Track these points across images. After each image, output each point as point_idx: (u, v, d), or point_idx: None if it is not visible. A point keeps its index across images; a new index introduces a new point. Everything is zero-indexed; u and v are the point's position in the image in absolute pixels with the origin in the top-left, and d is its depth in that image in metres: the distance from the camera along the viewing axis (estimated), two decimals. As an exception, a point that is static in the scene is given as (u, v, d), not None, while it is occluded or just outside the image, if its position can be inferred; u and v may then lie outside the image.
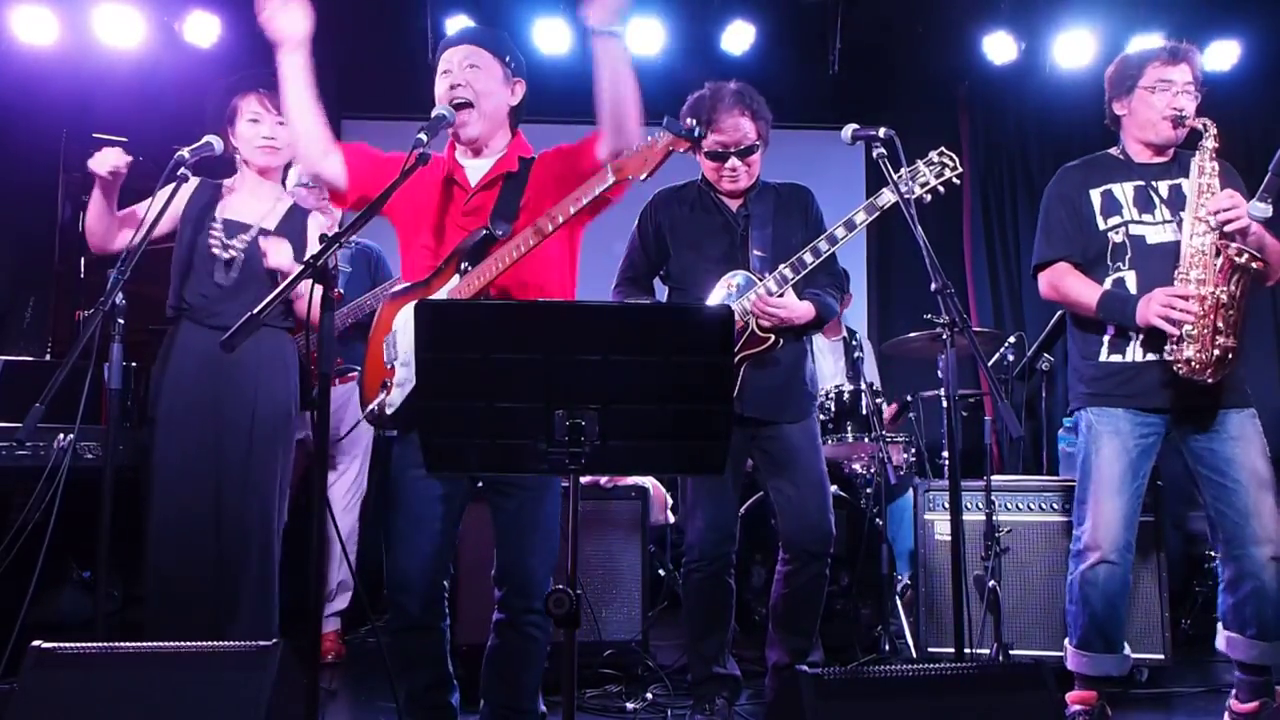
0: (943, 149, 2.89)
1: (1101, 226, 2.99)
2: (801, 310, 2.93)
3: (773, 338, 2.93)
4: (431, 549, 2.43)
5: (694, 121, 2.45)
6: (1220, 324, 2.76)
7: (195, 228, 3.00)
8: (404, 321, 2.43)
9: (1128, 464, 2.90)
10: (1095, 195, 3.02)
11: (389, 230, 2.61)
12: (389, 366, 2.43)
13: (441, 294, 2.42)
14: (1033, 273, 3.13)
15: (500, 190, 2.49)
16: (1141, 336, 2.89)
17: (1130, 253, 2.95)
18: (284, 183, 3.27)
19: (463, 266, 2.41)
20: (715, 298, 2.97)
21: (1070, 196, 3.05)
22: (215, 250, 2.96)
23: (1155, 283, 2.85)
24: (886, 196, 2.87)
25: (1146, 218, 2.96)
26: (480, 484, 2.55)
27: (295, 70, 2.42)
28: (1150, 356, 2.88)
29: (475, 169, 2.54)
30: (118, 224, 3.03)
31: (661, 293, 3.27)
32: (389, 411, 2.41)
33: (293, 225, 3.05)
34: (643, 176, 2.39)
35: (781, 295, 2.91)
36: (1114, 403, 2.93)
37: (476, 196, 2.51)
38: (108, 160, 2.90)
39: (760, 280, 2.93)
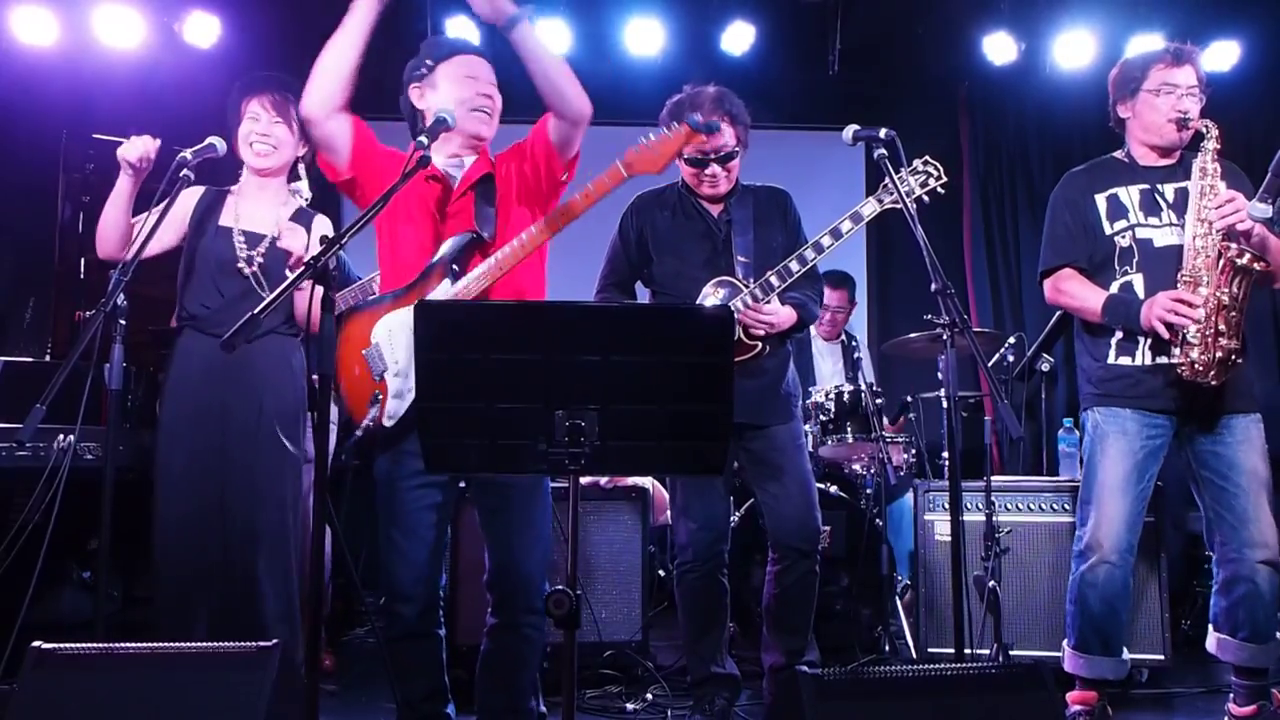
0: (927, 158, 2.91)
1: (1108, 231, 2.99)
2: (786, 316, 2.95)
3: (760, 345, 2.94)
4: (424, 557, 2.45)
5: (700, 117, 2.45)
6: (1222, 326, 2.76)
7: (198, 234, 2.95)
8: (386, 331, 2.42)
9: (1133, 465, 2.90)
10: (1101, 200, 3.01)
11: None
12: (378, 379, 2.41)
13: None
14: (1039, 279, 3.13)
15: (479, 193, 2.50)
16: (1149, 340, 2.89)
17: (1138, 256, 2.95)
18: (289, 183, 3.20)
19: (453, 269, 2.41)
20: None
21: (1076, 201, 3.05)
22: (241, 263, 2.90)
23: (1163, 285, 2.85)
24: (872, 205, 2.91)
25: (1153, 220, 2.96)
26: (465, 489, 2.55)
27: (363, 11, 2.41)
28: (1159, 360, 2.88)
29: (443, 163, 2.54)
30: (130, 230, 2.91)
31: (643, 296, 3.27)
32: (388, 423, 2.40)
33: (301, 224, 2.99)
34: (655, 173, 2.41)
35: (768, 303, 2.92)
36: (1121, 403, 2.93)
37: (462, 198, 2.51)
38: (137, 147, 2.80)
39: (746, 287, 2.94)
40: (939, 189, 2.89)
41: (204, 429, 2.84)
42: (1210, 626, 2.98)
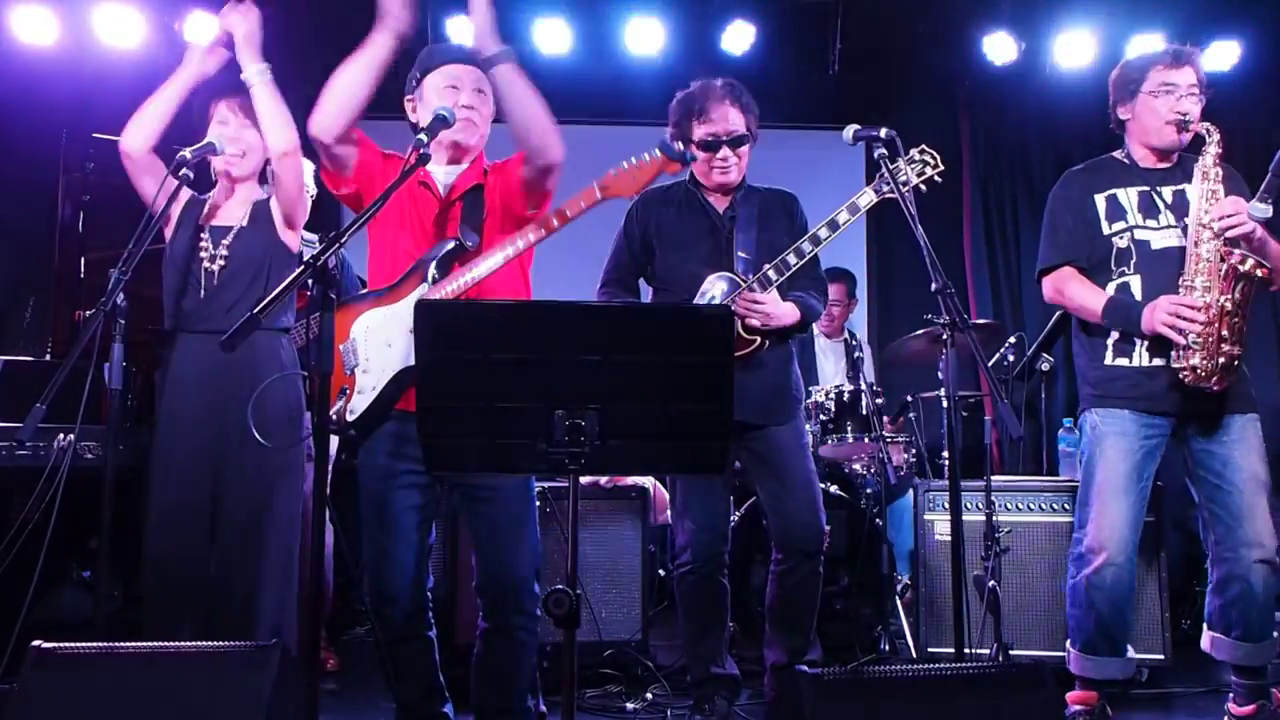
0: (924, 147, 2.93)
1: (1106, 231, 2.99)
2: (785, 310, 2.94)
3: (758, 340, 2.93)
4: (410, 559, 2.45)
5: (682, 145, 2.49)
6: (1225, 331, 2.76)
7: (187, 243, 2.95)
8: (364, 329, 2.44)
9: (1133, 465, 2.89)
10: (1100, 200, 3.01)
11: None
12: (349, 373, 2.43)
13: (408, 301, 2.42)
14: (1037, 277, 3.13)
15: (466, 202, 2.51)
16: (1147, 342, 2.88)
17: (1135, 257, 2.94)
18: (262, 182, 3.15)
19: (431, 275, 2.42)
20: (700, 300, 2.98)
21: (1075, 200, 3.04)
22: (205, 260, 2.91)
23: (1160, 287, 2.85)
24: (869, 196, 2.91)
25: (1150, 222, 2.95)
26: (450, 492, 2.55)
27: (379, 48, 2.41)
28: (1156, 362, 2.87)
29: (442, 174, 2.55)
30: (161, 129, 2.94)
31: (645, 293, 3.28)
32: (350, 418, 2.41)
33: (260, 215, 3.00)
34: (629, 196, 2.43)
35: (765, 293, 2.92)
36: (1119, 404, 2.93)
37: (452, 208, 2.52)
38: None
39: (744, 282, 2.94)
40: (936, 178, 2.90)
41: (199, 431, 2.83)
42: (1205, 625, 2.98)
